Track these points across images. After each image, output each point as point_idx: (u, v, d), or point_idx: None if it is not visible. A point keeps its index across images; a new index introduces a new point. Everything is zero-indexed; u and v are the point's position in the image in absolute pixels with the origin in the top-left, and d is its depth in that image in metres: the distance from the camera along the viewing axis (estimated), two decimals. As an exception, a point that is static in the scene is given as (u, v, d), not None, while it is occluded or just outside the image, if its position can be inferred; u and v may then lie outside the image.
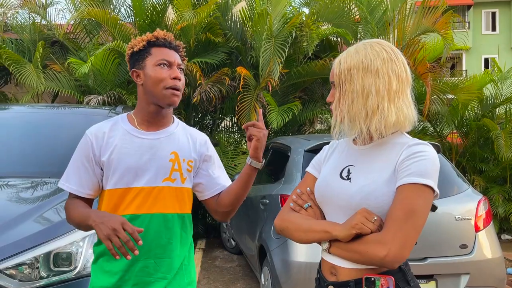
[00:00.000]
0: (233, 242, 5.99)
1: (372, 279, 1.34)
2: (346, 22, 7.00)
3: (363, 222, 1.28)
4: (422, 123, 7.66)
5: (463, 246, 3.29)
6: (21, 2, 6.83)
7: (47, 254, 2.01)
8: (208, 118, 7.73)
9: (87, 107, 4.80)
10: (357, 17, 7.29)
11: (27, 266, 1.96)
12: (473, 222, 3.36)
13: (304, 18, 6.70)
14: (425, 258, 3.22)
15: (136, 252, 1.37)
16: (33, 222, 2.08)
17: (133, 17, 7.13)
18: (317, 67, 6.45)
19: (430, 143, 1.42)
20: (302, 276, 3.16)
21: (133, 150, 1.60)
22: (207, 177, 1.74)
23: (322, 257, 1.49)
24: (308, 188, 1.54)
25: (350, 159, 1.46)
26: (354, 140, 1.50)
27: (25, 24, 7.17)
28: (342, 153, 1.51)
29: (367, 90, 1.35)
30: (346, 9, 7.01)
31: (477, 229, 3.36)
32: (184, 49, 1.73)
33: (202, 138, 1.77)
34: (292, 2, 7.41)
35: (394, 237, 1.24)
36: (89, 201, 1.65)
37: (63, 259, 2.04)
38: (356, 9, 7.15)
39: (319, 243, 1.42)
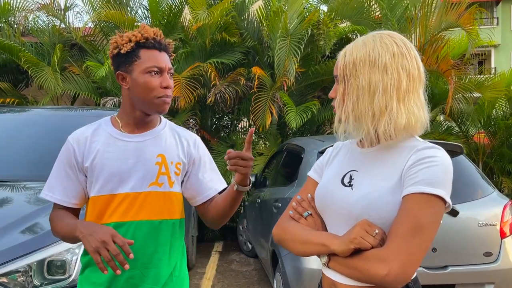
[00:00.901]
0: (249, 245, 5.88)
1: (374, 298, 1.20)
2: (366, 20, 6.81)
3: (363, 236, 1.14)
4: (446, 123, 7.39)
5: (488, 254, 3.09)
6: (40, 6, 6.90)
7: (41, 262, 1.94)
8: (226, 119, 7.65)
9: (101, 109, 4.78)
10: (377, 13, 7.08)
11: (20, 274, 1.90)
12: (498, 228, 3.15)
13: (322, 16, 6.56)
14: (445, 267, 3.03)
15: (127, 266, 1.26)
16: (27, 229, 2.02)
17: (149, 18, 7.13)
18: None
19: (452, 144, 1.26)
20: (314, 283, 3.01)
21: (117, 154, 1.49)
22: (198, 181, 1.61)
23: (322, 271, 1.36)
24: (309, 195, 1.41)
25: (353, 164, 1.32)
26: (359, 142, 1.35)
27: (44, 27, 7.25)
28: (346, 156, 1.37)
29: (374, 87, 1.20)
30: (366, 5, 6.82)
31: (503, 235, 3.15)
32: (172, 47, 1.59)
33: (191, 138, 1.63)
34: (310, 0, 7.26)
35: (397, 254, 1.10)
36: (75, 211, 1.55)
37: (57, 266, 1.97)
38: (376, 6, 6.95)
39: (318, 256, 1.29)
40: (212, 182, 1.63)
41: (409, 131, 1.22)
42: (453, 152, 3.59)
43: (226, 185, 1.66)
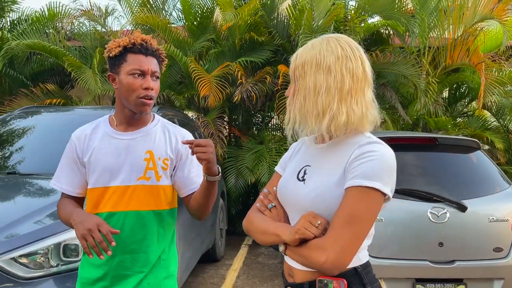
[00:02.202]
0: (277, 239, 6.02)
1: (325, 281, 1.29)
2: (397, 14, 6.72)
3: (306, 227, 1.26)
4: (483, 117, 7.17)
5: (498, 249, 3.07)
6: (82, 12, 7.36)
7: (57, 245, 2.21)
8: (258, 116, 7.81)
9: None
10: (409, 7, 6.96)
11: (39, 255, 2.17)
12: (510, 224, 3.12)
13: (350, 12, 6.56)
14: (452, 261, 3.05)
15: (109, 252, 1.46)
16: (47, 216, 2.29)
17: (183, 20, 7.41)
18: (363, 61, 6.27)
19: (469, 139, 1.30)
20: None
21: (110, 151, 1.69)
22: (183, 176, 1.76)
23: (284, 259, 1.49)
24: (275, 188, 1.51)
25: (308, 159, 1.42)
26: (316, 138, 1.45)
27: (87, 32, 7.72)
28: (304, 152, 1.47)
29: (318, 88, 1.29)
30: (397, 0, 6.73)
31: (515, 231, 3.12)
32: (164, 53, 1.75)
33: (180, 135, 1.78)
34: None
35: (334, 243, 1.20)
36: (80, 200, 1.77)
37: (71, 250, 2.23)
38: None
39: (278, 245, 1.41)
40: (197, 177, 1.76)
41: (351, 128, 1.31)
42: (469, 148, 3.58)
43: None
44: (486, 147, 6.87)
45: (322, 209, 1.28)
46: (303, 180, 1.37)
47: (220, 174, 1.65)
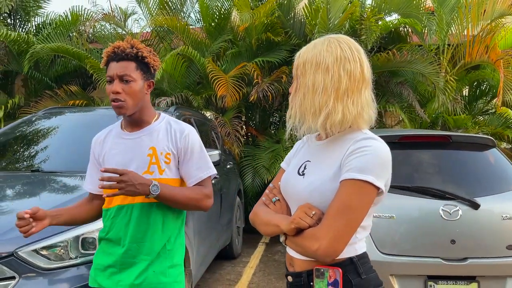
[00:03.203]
0: (294, 237, 6.07)
1: (322, 270, 1.36)
2: (416, 12, 6.68)
3: (301, 217, 1.32)
4: (505, 115, 7.06)
5: (511, 247, 3.05)
6: (103, 16, 7.56)
7: (76, 238, 2.34)
8: (275, 116, 7.88)
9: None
10: (428, 4, 6.91)
11: (59, 248, 2.29)
12: (525, 222, 3.10)
13: (367, 10, 6.56)
14: (465, 259, 3.04)
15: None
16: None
17: (201, 22, 7.54)
18: (379, 60, 6.27)
19: (484, 137, 1.32)
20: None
21: (119, 150, 1.85)
22: (186, 168, 1.89)
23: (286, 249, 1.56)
24: (279, 183, 1.58)
25: (309, 155, 1.49)
26: (317, 135, 1.51)
27: (108, 34, 7.93)
28: (306, 149, 1.54)
29: (316, 87, 1.36)
30: (416, -2, 6.69)
31: (529, 229, 3.10)
32: (141, 53, 1.80)
33: (183, 131, 1.89)
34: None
35: (327, 232, 1.27)
36: (101, 198, 1.91)
37: (89, 243, 2.35)
38: (426, -4, 6.81)
39: (279, 235, 1.48)
40: (199, 170, 1.89)
41: (345, 126, 1.37)
42: (484, 146, 3.56)
43: (212, 173, 1.92)
44: (504, 145, 6.76)
45: (318, 201, 1.34)
46: (303, 174, 1.44)
47: (154, 194, 1.74)
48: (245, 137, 7.14)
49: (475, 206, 3.08)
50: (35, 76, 7.74)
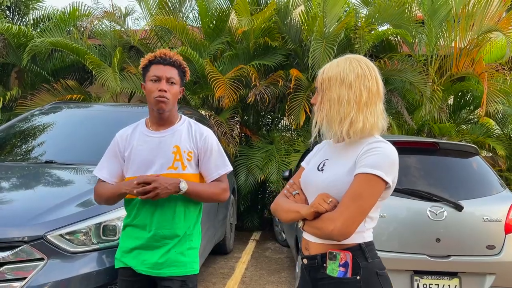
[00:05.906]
0: (284, 235, 6.31)
1: (334, 253, 1.62)
2: (407, 24, 6.97)
3: (320, 203, 1.58)
4: (486, 125, 7.42)
5: (490, 247, 3.34)
6: (103, 13, 7.68)
7: (98, 225, 2.53)
8: (268, 117, 8.11)
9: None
10: (418, 14, 7.20)
11: (82, 234, 2.48)
12: (503, 224, 3.39)
13: (361, 20, 6.82)
14: (448, 256, 3.32)
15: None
16: (87, 200, 2.62)
17: (200, 22, 7.71)
18: (371, 68, 6.52)
19: (467, 145, 1.55)
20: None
21: (145, 147, 2.08)
22: (205, 166, 2.14)
23: (302, 235, 1.80)
24: (300, 179, 1.84)
25: (328, 154, 1.76)
26: (335, 139, 1.78)
27: (107, 31, 8.05)
28: (326, 150, 1.81)
29: (341, 100, 1.62)
30: (406, 11, 6.97)
31: (507, 230, 3.38)
32: (183, 64, 2.13)
33: (202, 133, 2.16)
34: (351, 4, 7.52)
35: (341, 215, 1.52)
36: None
37: (109, 230, 2.55)
38: (417, 10, 7.10)
39: (297, 221, 1.72)
40: (217, 167, 2.15)
41: (365, 134, 1.63)
42: (469, 153, 3.85)
43: (229, 169, 2.18)
44: (485, 153, 7.11)
45: (334, 192, 1.60)
46: (322, 170, 1.71)
47: (186, 188, 1.99)
48: (239, 137, 7.35)
49: (459, 208, 3.36)
50: (33, 69, 7.81)
